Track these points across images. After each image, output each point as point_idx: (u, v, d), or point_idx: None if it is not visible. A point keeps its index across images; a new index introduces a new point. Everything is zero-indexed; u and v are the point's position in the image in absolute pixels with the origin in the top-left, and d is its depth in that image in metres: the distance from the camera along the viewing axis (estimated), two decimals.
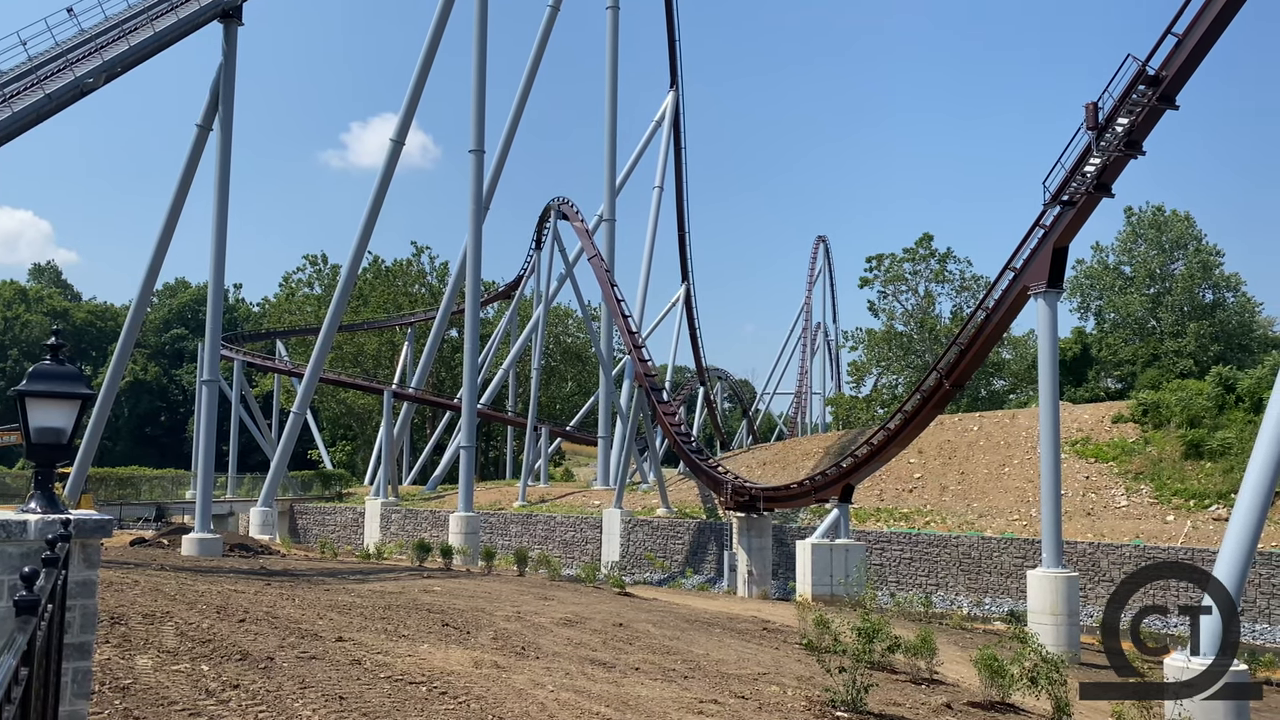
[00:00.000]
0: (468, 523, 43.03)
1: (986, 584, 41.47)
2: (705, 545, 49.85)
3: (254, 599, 16.38)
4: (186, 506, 54.94)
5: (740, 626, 19.87)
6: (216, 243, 36.26)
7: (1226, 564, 14.07)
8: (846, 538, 35.24)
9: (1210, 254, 75.23)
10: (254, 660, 10.48)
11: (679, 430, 52.27)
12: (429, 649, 12.57)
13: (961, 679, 15.06)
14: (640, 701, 10.60)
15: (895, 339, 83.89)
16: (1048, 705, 12.47)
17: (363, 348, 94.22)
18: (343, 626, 13.91)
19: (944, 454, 53.08)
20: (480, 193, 47.51)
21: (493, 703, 9.56)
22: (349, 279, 54.65)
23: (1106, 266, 79.73)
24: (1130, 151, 24.63)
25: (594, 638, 15.54)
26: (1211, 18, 22.31)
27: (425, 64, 51.78)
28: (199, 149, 39.14)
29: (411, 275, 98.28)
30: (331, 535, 59.18)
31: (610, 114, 63.93)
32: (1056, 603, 25.36)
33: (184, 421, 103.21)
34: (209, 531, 33.83)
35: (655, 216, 70.19)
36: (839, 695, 11.20)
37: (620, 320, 54.44)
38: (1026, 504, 45.07)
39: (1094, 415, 53.19)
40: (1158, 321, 74.78)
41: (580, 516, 54.86)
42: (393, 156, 51.81)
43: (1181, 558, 37.50)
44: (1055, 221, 26.53)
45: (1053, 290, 26.62)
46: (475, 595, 20.79)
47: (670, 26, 72.31)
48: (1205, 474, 44.00)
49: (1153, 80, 23.62)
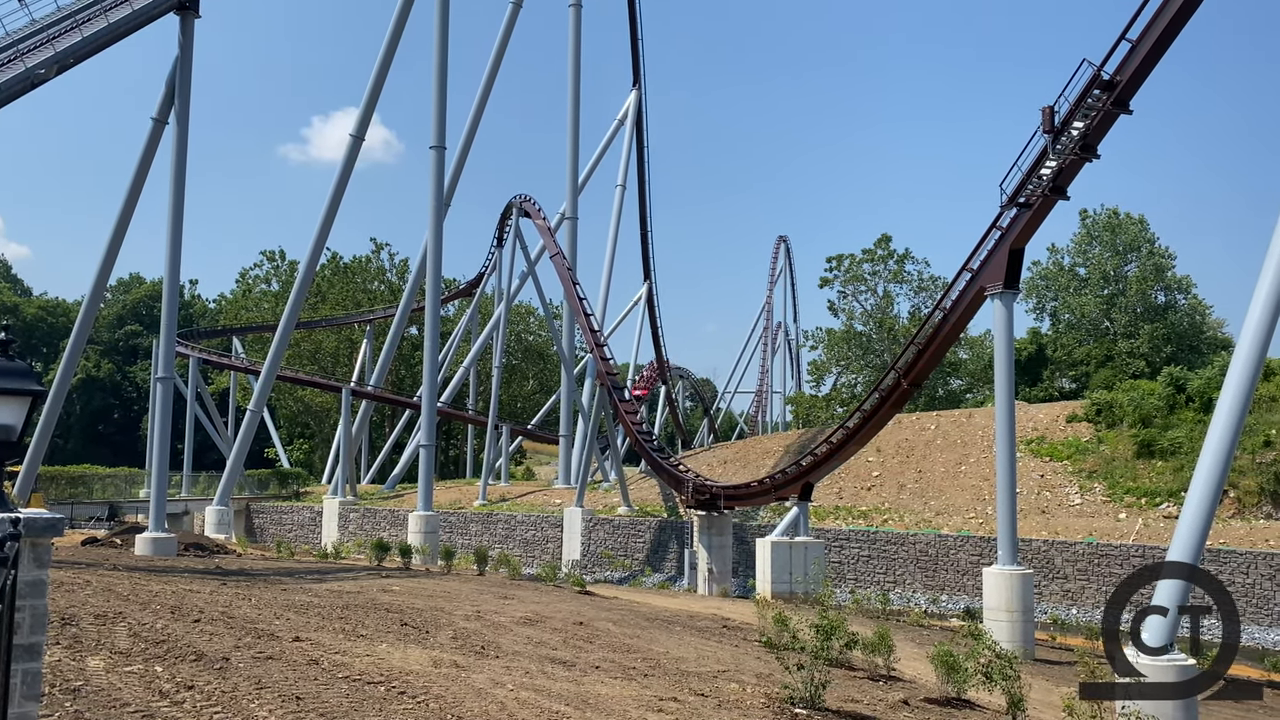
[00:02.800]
0: (427, 522, 42.77)
1: (943, 581, 41.94)
2: (666, 544, 49.95)
3: (209, 599, 16.18)
4: (140, 505, 54.06)
5: (700, 624, 19.93)
6: (172, 238, 35.71)
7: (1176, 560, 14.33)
8: (806, 535, 35.46)
9: (1162, 256, 76.62)
10: (209, 661, 10.36)
11: (640, 429, 52.31)
12: (387, 648, 12.49)
13: (918, 675, 15.22)
14: (600, 699, 10.61)
15: (854, 338, 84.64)
16: (1002, 700, 12.63)
17: (321, 345, 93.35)
18: (300, 626, 13.78)
19: (902, 452, 53.60)
20: (441, 189, 47.22)
21: (452, 702, 9.52)
22: (307, 275, 54.07)
23: (1062, 268, 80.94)
24: (1085, 155, 24.97)
25: (554, 636, 15.52)
26: (1164, 24, 22.68)
27: (386, 58, 51.36)
28: (154, 143, 38.50)
29: (371, 272, 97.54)
30: (289, 534, 58.59)
31: (573, 112, 63.85)
32: (1011, 600, 25.69)
33: (138, 419, 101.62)
34: (163, 531, 33.30)
35: (617, 215, 70.29)
36: (797, 692, 11.28)
37: (582, 318, 54.38)
38: (983, 502, 45.65)
39: (1049, 415, 53.99)
40: (1111, 322, 76.02)
41: (541, 515, 54.74)
42: (352, 152, 51.33)
43: (1133, 555, 38.18)
44: (1012, 223, 26.86)
45: (1009, 291, 26.93)
46: (434, 594, 20.68)
47: (633, 26, 72.42)
48: (1156, 473, 44.83)
49: (1107, 85, 23.98)
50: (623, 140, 72.04)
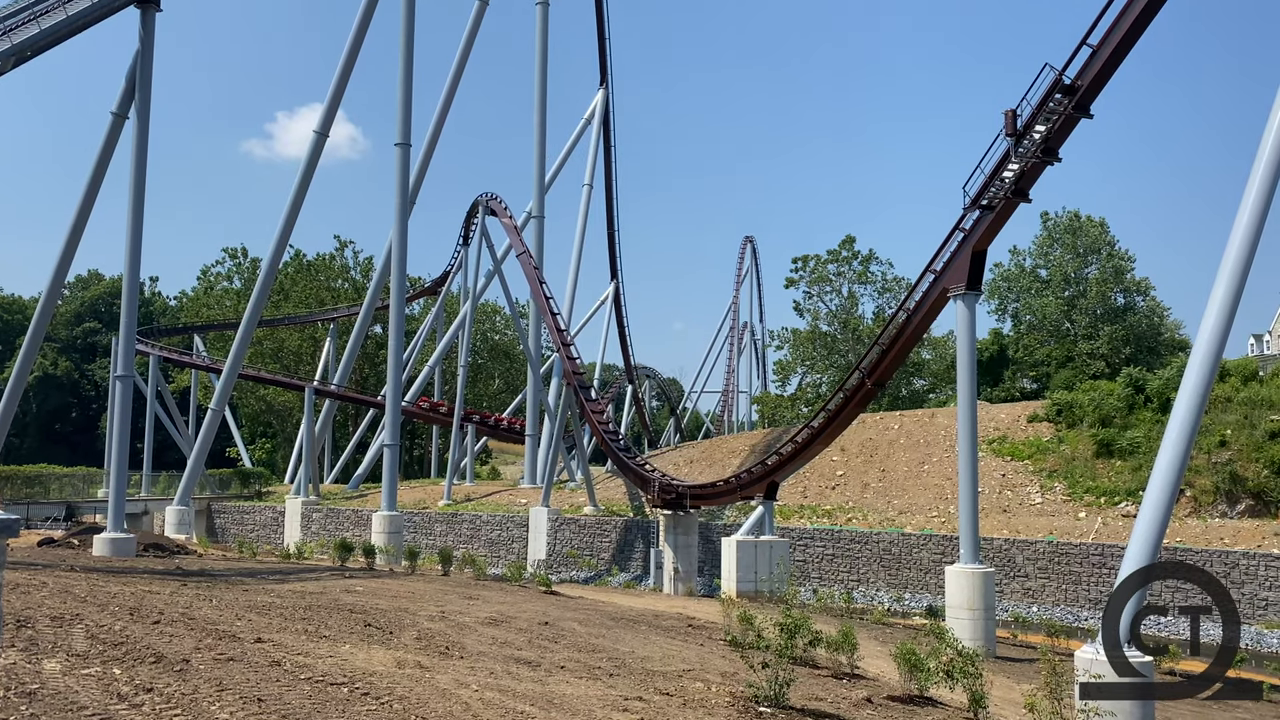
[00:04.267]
0: (391, 522, 42.51)
1: (906, 579, 42.29)
2: (632, 543, 49.98)
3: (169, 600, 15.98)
4: (98, 505, 53.30)
5: (666, 624, 19.96)
6: (132, 234, 35.19)
7: (1134, 559, 14.54)
8: (771, 535, 35.62)
9: (1122, 259, 77.72)
10: (169, 663, 10.23)
11: (607, 428, 52.30)
12: (351, 649, 12.40)
13: (882, 673, 15.34)
14: (565, 700, 10.60)
15: (819, 339, 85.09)
16: (964, 698, 12.76)
17: (284, 343, 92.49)
18: (262, 627, 13.65)
19: (866, 452, 53.98)
20: (406, 187, 46.96)
21: (416, 703, 9.47)
22: (270, 273, 53.55)
23: (1023, 270, 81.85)
24: (1047, 158, 25.30)
25: (519, 636, 15.49)
26: (1124, 30, 23.03)
27: (351, 55, 50.94)
28: (114, 137, 37.99)
29: (335, 270, 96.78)
30: (250, 535, 58.01)
31: (540, 110, 63.71)
32: (973, 598, 25.97)
33: (96, 418, 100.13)
34: (122, 531, 32.82)
35: (584, 214, 70.20)
36: (762, 691, 11.33)
37: (549, 318, 54.27)
38: (945, 501, 46.07)
39: (1010, 415, 54.57)
40: (1072, 324, 76.98)
41: (506, 515, 54.57)
42: (316, 149, 50.89)
43: (1092, 553, 38.72)
44: (974, 225, 27.14)
45: (971, 292, 27.22)
46: (399, 595, 20.56)
47: (600, 24, 72.37)
48: (1115, 472, 45.47)
49: (1069, 89, 24.30)
50: (590, 139, 72.01)
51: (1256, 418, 43.92)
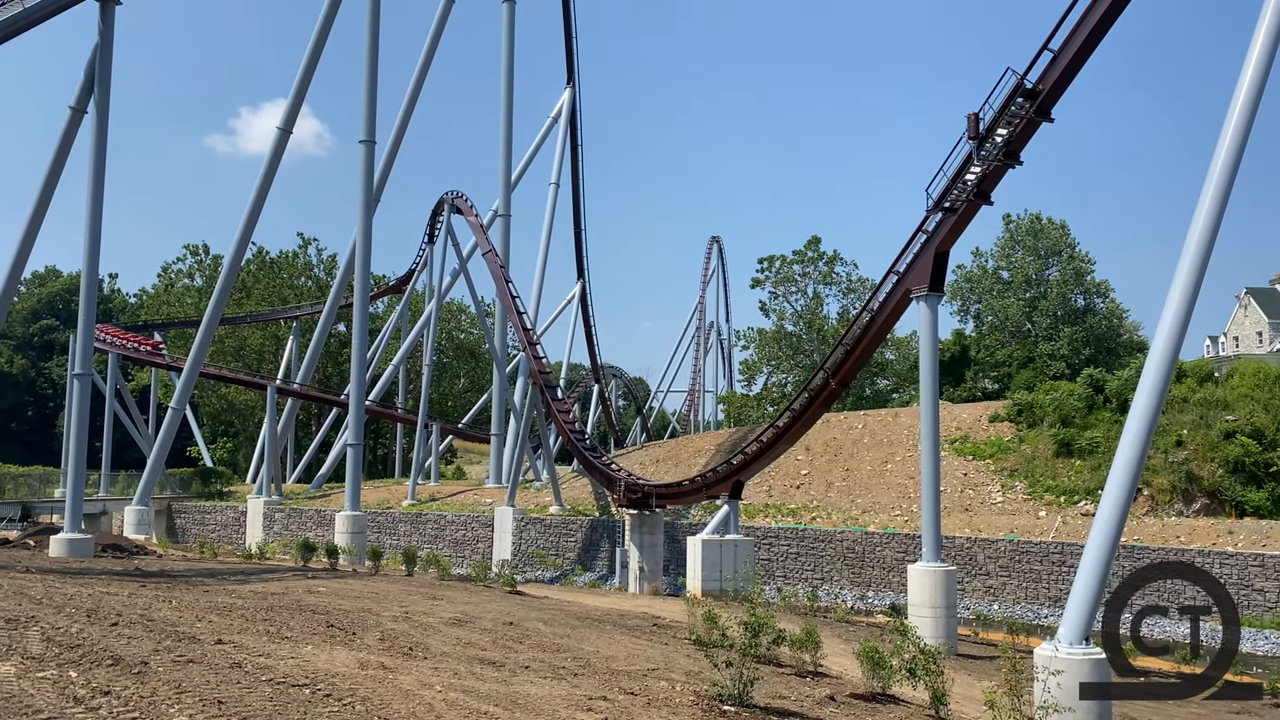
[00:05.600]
0: (354, 522, 42.19)
1: (870, 578, 42.61)
2: (598, 542, 49.96)
3: (128, 601, 15.76)
4: (55, 505, 52.38)
5: (631, 623, 19.98)
6: (90, 230, 34.62)
7: (1092, 557, 14.72)
8: (736, 534, 35.76)
9: (1082, 261, 78.76)
10: (127, 665, 10.10)
11: (573, 428, 52.22)
12: (313, 650, 12.31)
13: (845, 671, 15.44)
14: (530, 700, 10.58)
15: (785, 338, 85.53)
16: (926, 695, 12.89)
17: (246, 342, 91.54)
18: (222, 628, 13.51)
19: (830, 451, 54.32)
20: (371, 184, 46.63)
21: (379, 704, 9.42)
22: (232, 270, 52.95)
23: (985, 271, 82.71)
24: (1009, 161, 25.57)
25: (484, 637, 15.44)
26: (1085, 35, 23.32)
27: (315, 51, 50.48)
28: (72, 132, 37.31)
29: (298, 267, 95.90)
30: (212, 535, 57.34)
31: (506, 109, 63.47)
32: (935, 596, 26.21)
33: (53, 416, 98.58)
34: (79, 531, 32.28)
35: (551, 213, 69.99)
36: (726, 689, 11.37)
37: (515, 317, 54.10)
38: (908, 500, 46.48)
39: (972, 414, 55.14)
40: (1033, 325, 77.91)
41: (471, 515, 54.35)
42: (279, 145, 50.38)
43: (1052, 552, 39.22)
44: (937, 227, 27.39)
45: (934, 293, 27.46)
46: (362, 595, 20.42)
47: (568, 23, 72.22)
48: (1075, 471, 46.09)
49: (1030, 93, 24.57)
50: (556, 138, 71.86)
51: (1212, 418, 44.71)
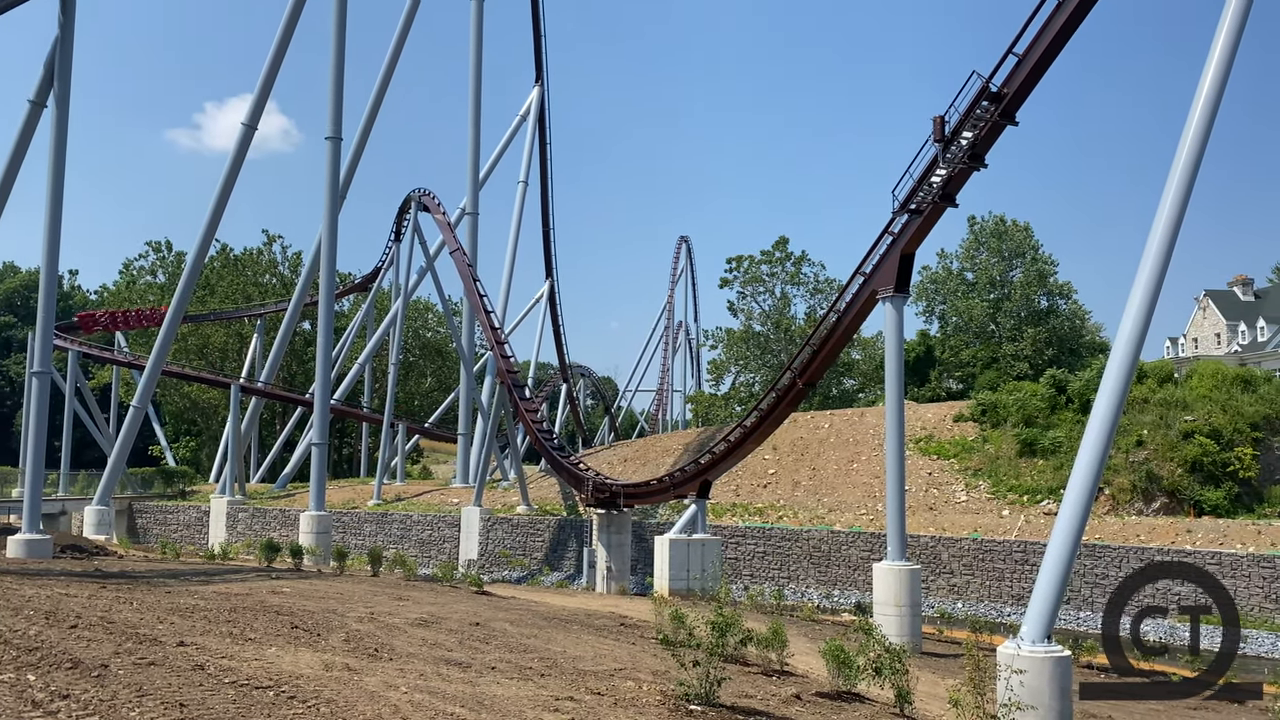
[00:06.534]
0: (319, 522, 41.86)
1: (835, 576, 42.88)
2: (565, 542, 49.88)
3: (87, 603, 15.53)
4: (13, 505, 51.48)
5: (598, 623, 19.97)
6: (50, 226, 34.08)
7: (1054, 555, 14.90)
8: (703, 533, 35.85)
9: (1045, 263, 79.74)
10: (86, 668, 9.95)
11: (541, 427, 52.11)
12: (277, 652, 12.19)
13: (811, 670, 15.52)
14: (496, 700, 10.55)
15: (753, 338, 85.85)
16: (891, 694, 12.98)
17: (209, 340, 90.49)
18: (185, 630, 13.35)
19: (797, 450, 54.60)
20: (337, 181, 46.29)
21: (343, 706, 9.35)
22: (195, 267, 52.37)
23: (950, 273, 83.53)
24: (974, 164, 25.82)
25: (450, 638, 15.37)
26: (1049, 40, 23.61)
27: (281, 45, 50.04)
28: (31, 126, 36.72)
29: (262, 265, 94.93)
30: (174, 535, 56.71)
31: (474, 106, 63.21)
32: (900, 594, 26.43)
33: (11, 415, 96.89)
34: (38, 532, 31.77)
35: (519, 211, 69.75)
36: (693, 689, 11.38)
37: (482, 315, 53.89)
38: (873, 499, 46.80)
39: (937, 414, 55.64)
40: (997, 326, 78.76)
41: (438, 515, 54.08)
42: (244, 141, 49.91)
43: (1015, 550, 39.66)
44: (903, 229, 27.62)
45: (900, 294, 27.69)
46: (327, 596, 20.26)
47: (536, 21, 72.04)
48: (1038, 471, 46.63)
49: (995, 97, 24.83)
50: (525, 136, 71.61)
51: (1172, 418, 45.40)
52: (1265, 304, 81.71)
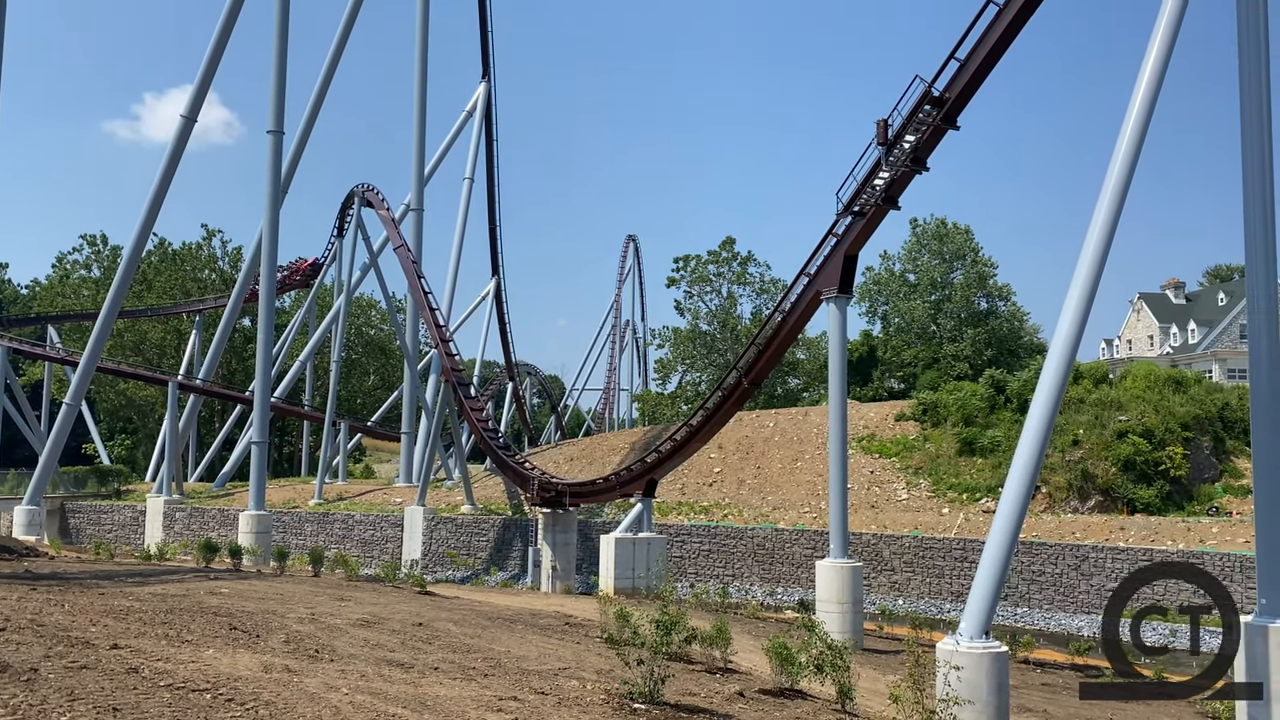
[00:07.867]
0: (259, 521, 41.26)
1: (779, 574, 43.23)
2: (510, 542, 49.66)
3: (16, 605, 15.12)
4: None
5: (543, 622, 19.91)
6: None
7: (992, 553, 15.15)
8: (649, 532, 35.94)
9: (985, 265, 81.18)
10: (15, 673, 9.69)
11: (486, 426, 51.81)
12: (215, 654, 11.98)
13: (754, 667, 15.63)
14: (439, 701, 10.48)
15: (699, 338, 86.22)
16: (833, 690, 13.12)
17: (146, 336, 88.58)
18: (118, 633, 13.06)
19: (742, 449, 54.94)
20: (278, 175, 45.62)
21: (283, 708, 9.21)
22: (131, 262, 51.27)
23: (893, 274, 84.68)
24: (916, 167, 26.20)
25: (392, 638, 15.22)
26: (990, 44, 24.01)
27: (222, 36, 49.16)
28: None
29: (201, 260, 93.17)
30: (108, 535, 55.40)
31: (419, 101, 62.64)
32: (842, 591, 26.72)
33: None
34: None
35: (465, 208, 69.25)
36: (637, 688, 11.40)
37: (427, 313, 53.44)
38: (817, 497, 47.27)
39: (879, 413, 56.35)
40: (938, 326, 80.00)
41: (380, 514, 53.53)
42: (183, 134, 48.95)
43: (954, 548, 40.31)
44: (846, 231, 27.94)
45: (843, 295, 28.00)
46: (266, 597, 19.95)
47: (483, 16, 71.60)
48: (977, 469, 47.44)
49: (937, 101, 25.20)
50: (471, 133, 71.18)
51: (1106, 418, 46.47)
52: (1196, 307, 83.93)
